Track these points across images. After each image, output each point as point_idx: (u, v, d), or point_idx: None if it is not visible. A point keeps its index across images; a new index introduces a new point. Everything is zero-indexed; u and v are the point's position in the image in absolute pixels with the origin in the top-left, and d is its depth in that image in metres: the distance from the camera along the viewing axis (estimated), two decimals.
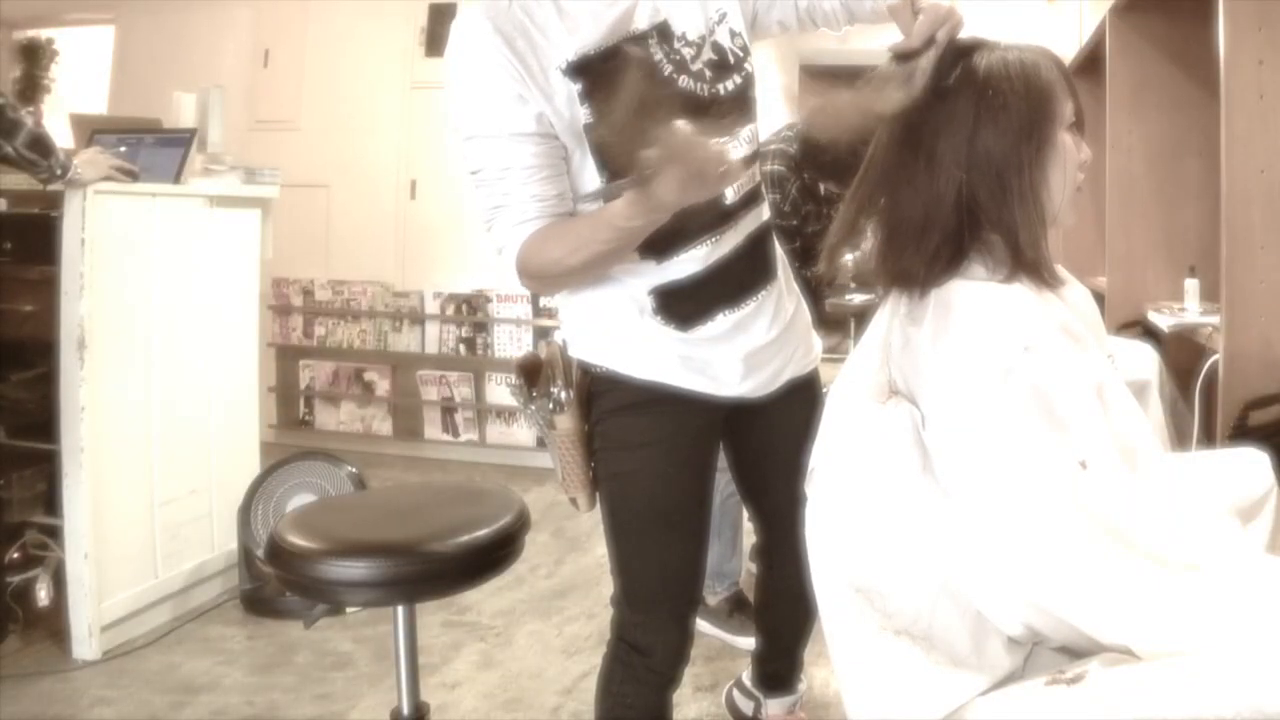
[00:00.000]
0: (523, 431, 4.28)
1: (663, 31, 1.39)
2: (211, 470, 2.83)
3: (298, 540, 1.39)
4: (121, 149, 2.66)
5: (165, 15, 4.92)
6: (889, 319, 1.16)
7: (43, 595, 2.60)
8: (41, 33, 5.46)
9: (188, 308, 2.73)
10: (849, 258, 2.32)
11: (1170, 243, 2.83)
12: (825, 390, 1.36)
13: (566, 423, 1.49)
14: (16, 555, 2.60)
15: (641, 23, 1.38)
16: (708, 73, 1.42)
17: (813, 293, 2.16)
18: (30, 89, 5.26)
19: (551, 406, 1.49)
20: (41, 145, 2.24)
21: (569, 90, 1.33)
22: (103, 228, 2.42)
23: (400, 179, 4.71)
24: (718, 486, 1.68)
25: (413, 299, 4.49)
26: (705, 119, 1.40)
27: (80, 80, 5.43)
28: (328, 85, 4.73)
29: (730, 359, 1.48)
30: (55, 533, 2.52)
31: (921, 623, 1.03)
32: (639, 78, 1.11)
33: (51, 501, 2.54)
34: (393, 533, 1.44)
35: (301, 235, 4.41)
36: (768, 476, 1.66)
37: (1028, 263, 1.09)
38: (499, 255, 1.37)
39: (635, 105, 1.10)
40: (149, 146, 2.79)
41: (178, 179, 2.74)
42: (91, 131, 2.90)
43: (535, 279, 1.38)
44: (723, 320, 1.46)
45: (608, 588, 1.65)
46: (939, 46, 1.12)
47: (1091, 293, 1.24)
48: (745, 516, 2.15)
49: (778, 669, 1.97)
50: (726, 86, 1.43)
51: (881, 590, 1.05)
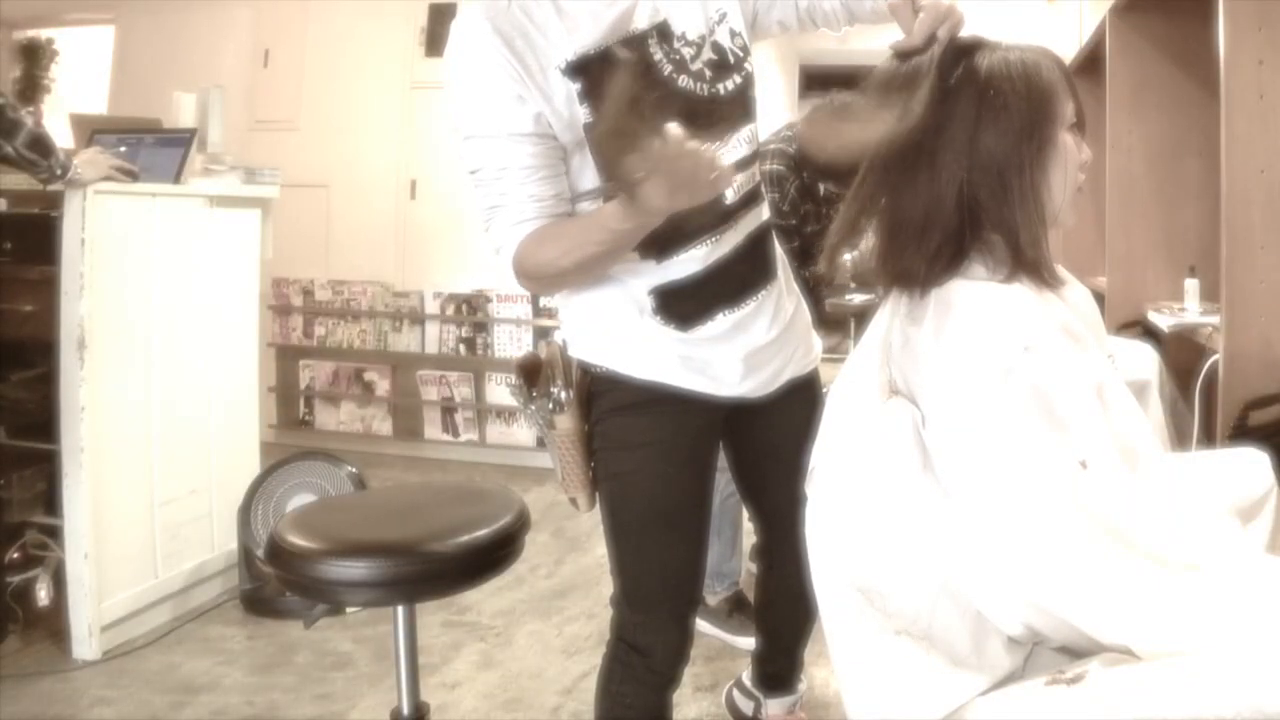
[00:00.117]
0: (523, 431, 4.28)
1: (662, 31, 1.39)
2: (211, 470, 2.83)
3: (298, 540, 1.39)
4: (121, 149, 2.66)
5: (165, 15, 4.93)
6: (889, 319, 1.16)
7: (43, 595, 2.60)
8: (41, 33, 5.46)
9: (188, 308, 2.73)
10: (847, 257, 2.32)
11: (1170, 243, 2.83)
12: (825, 390, 1.36)
13: (566, 423, 1.49)
14: (16, 555, 2.60)
15: (641, 22, 1.38)
16: (707, 72, 1.42)
17: (811, 292, 2.16)
18: (30, 89, 5.27)
19: (551, 406, 1.49)
20: (41, 145, 2.24)
21: (568, 90, 1.33)
22: (103, 228, 2.42)
23: (400, 179, 4.71)
24: (718, 486, 1.68)
25: (413, 299, 4.49)
26: (704, 119, 1.40)
27: (80, 80, 5.43)
28: (328, 85, 4.73)
29: (730, 359, 1.48)
30: (55, 533, 2.52)
31: (921, 623, 1.03)
32: (628, 81, 1.11)
33: (51, 501, 2.54)
34: (393, 533, 1.44)
35: (301, 235, 4.40)
36: (768, 476, 1.66)
37: (1028, 262, 1.09)
38: (497, 255, 1.37)
39: (625, 109, 1.10)
40: (149, 146, 2.79)
41: (178, 179, 2.74)
42: (91, 131, 2.90)
43: (531, 279, 1.38)
44: (723, 320, 1.46)
45: (608, 588, 1.65)
46: (940, 44, 1.12)
47: (1091, 293, 1.24)
48: (745, 516, 2.15)
49: (778, 669, 1.97)
50: (726, 86, 1.43)
51: (882, 590, 1.05)
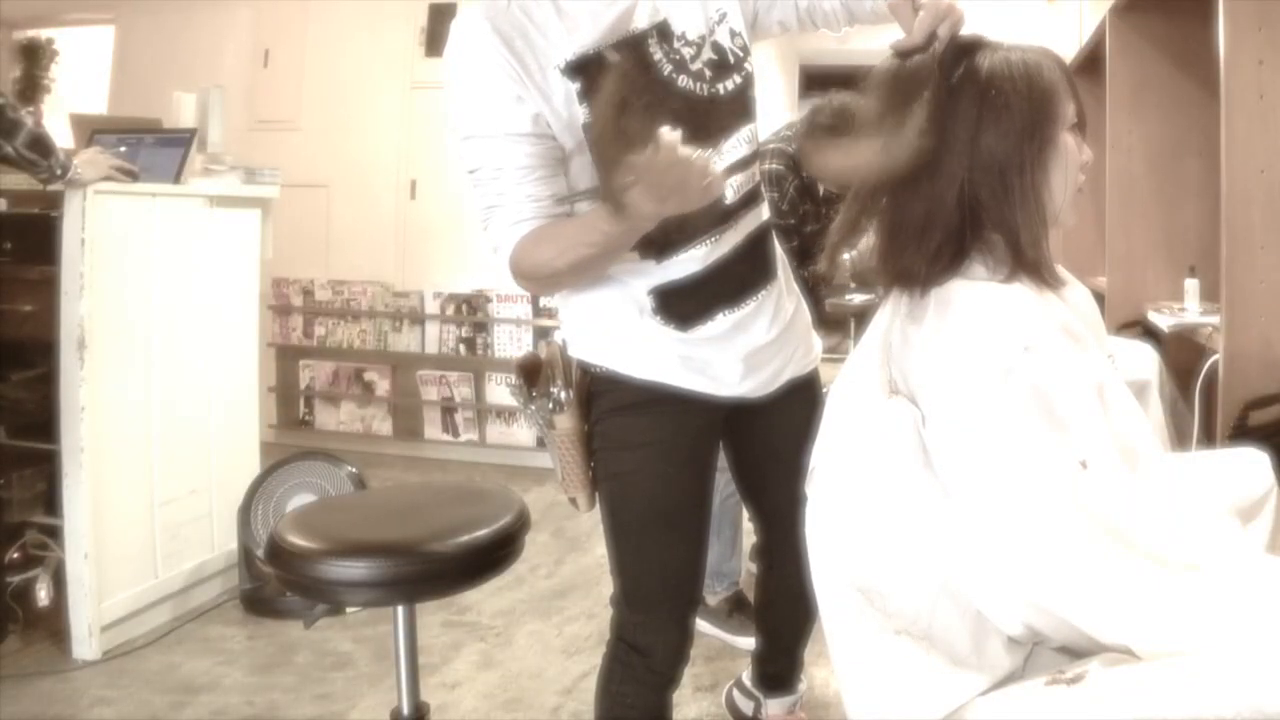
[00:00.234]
0: (523, 431, 4.28)
1: (662, 31, 1.39)
2: (211, 470, 2.83)
3: (298, 540, 1.39)
4: (121, 149, 2.66)
5: (165, 15, 4.93)
6: (889, 318, 1.16)
7: (43, 595, 2.60)
8: (41, 33, 5.46)
9: (188, 308, 2.73)
10: (845, 256, 2.32)
11: (1170, 243, 2.83)
12: (825, 390, 1.36)
13: (566, 422, 1.49)
14: (16, 555, 2.60)
15: (641, 22, 1.38)
16: (707, 72, 1.42)
17: (811, 292, 2.16)
18: (30, 89, 5.26)
19: (551, 406, 1.49)
20: (41, 145, 2.24)
21: (567, 90, 1.33)
22: (103, 228, 2.42)
23: (400, 179, 4.71)
24: (717, 486, 1.68)
25: (413, 299, 4.49)
26: (704, 119, 1.40)
27: (80, 80, 5.43)
28: (328, 85, 4.73)
29: (730, 359, 1.48)
30: (55, 533, 2.52)
31: (921, 623, 1.03)
32: (616, 86, 1.11)
33: (51, 501, 2.54)
34: (393, 533, 1.44)
35: (301, 235, 4.40)
36: (768, 476, 1.66)
37: (1028, 262, 1.09)
38: (494, 254, 1.37)
39: (613, 115, 1.09)
40: (149, 146, 2.79)
41: (178, 179, 2.74)
42: (91, 131, 2.90)
43: (528, 279, 1.38)
44: (722, 320, 1.46)
45: (608, 588, 1.65)
46: (940, 43, 1.12)
47: (1091, 293, 1.24)
48: (745, 516, 2.15)
49: (778, 669, 1.97)
50: (726, 86, 1.43)
51: (882, 590, 1.05)
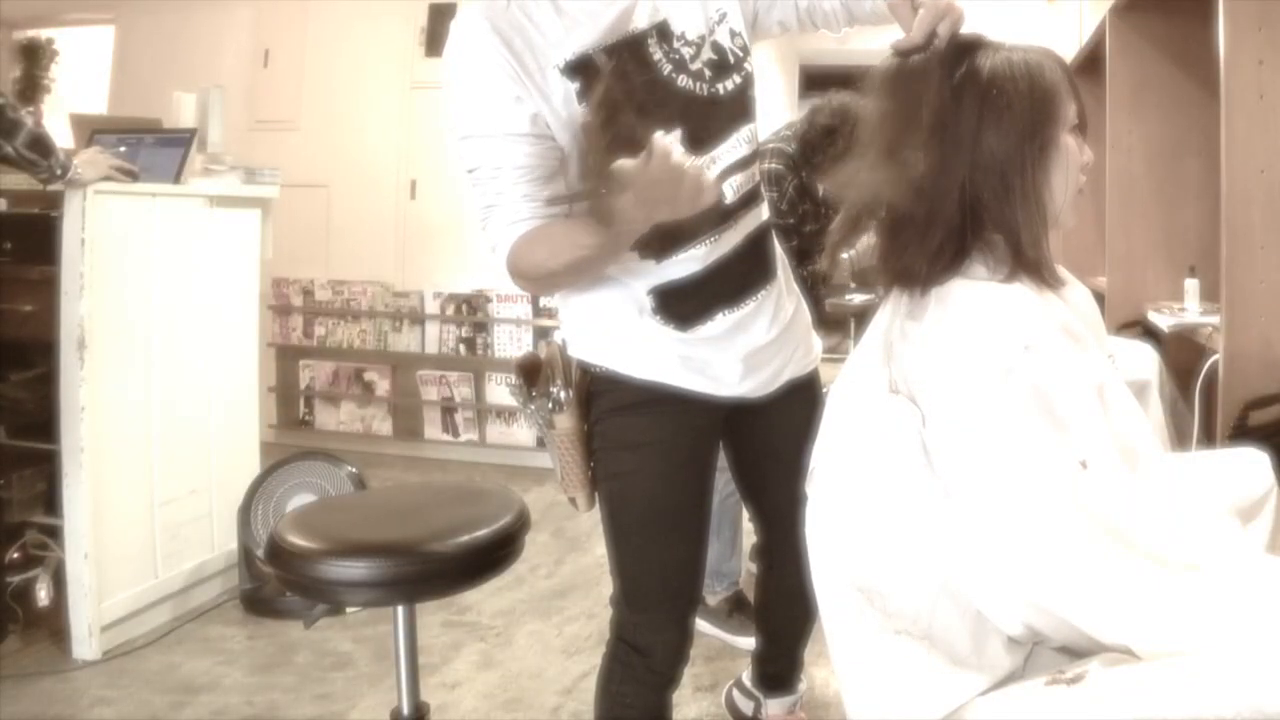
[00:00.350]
0: (523, 431, 4.28)
1: (662, 31, 1.39)
2: (211, 470, 2.83)
3: (298, 540, 1.39)
4: (121, 149, 2.66)
5: (165, 15, 4.93)
6: (890, 318, 1.16)
7: (43, 595, 2.60)
8: (41, 33, 5.46)
9: (188, 308, 2.73)
10: (845, 255, 2.32)
11: (1170, 243, 2.82)
12: (825, 390, 1.35)
13: (566, 422, 1.49)
14: (16, 555, 2.60)
15: (641, 22, 1.38)
16: (707, 72, 1.42)
17: (810, 292, 2.16)
18: (30, 89, 5.26)
19: (551, 406, 1.49)
20: (41, 145, 2.24)
21: (566, 89, 1.33)
22: (103, 228, 2.42)
23: (400, 179, 4.70)
24: (717, 486, 1.68)
25: (413, 299, 4.49)
26: (703, 119, 1.40)
27: (80, 80, 5.43)
28: (328, 85, 4.72)
29: (730, 359, 1.48)
30: (55, 533, 2.52)
31: (921, 622, 1.03)
32: (606, 98, 1.11)
33: (51, 501, 2.54)
34: (393, 533, 1.44)
35: (301, 235, 4.40)
36: (768, 476, 1.66)
37: (1029, 262, 1.09)
38: (492, 253, 1.37)
39: (602, 127, 1.09)
40: (149, 146, 2.79)
41: (178, 179, 2.74)
42: (91, 131, 2.90)
43: (525, 279, 1.38)
44: (722, 320, 1.46)
45: (608, 588, 1.65)
46: (940, 41, 1.12)
47: (1091, 293, 1.24)
48: (745, 516, 2.15)
49: (778, 669, 1.97)
50: (726, 86, 1.43)
51: (882, 590, 1.05)
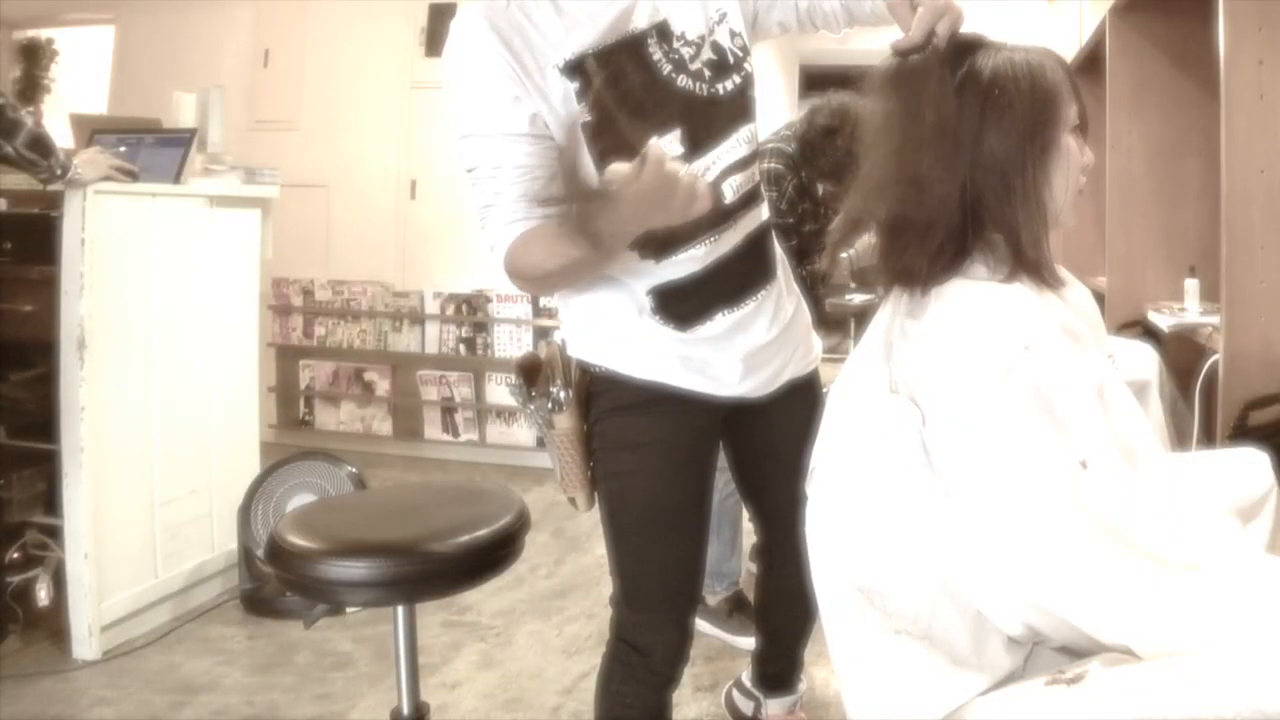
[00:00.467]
0: (523, 431, 4.28)
1: (662, 31, 1.39)
2: (211, 470, 2.83)
3: (298, 540, 1.39)
4: (121, 149, 2.66)
5: (165, 15, 4.93)
6: (890, 318, 1.16)
7: (43, 595, 2.60)
8: (41, 33, 5.47)
9: (188, 308, 2.73)
10: (844, 255, 2.32)
11: (1170, 243, 2.82)
12: (825, 390, 1.35)
13: (565, 422, 1.49)
14: (16, 555, 2.60)
15: (641, 22, 1.38)
16: (707, 72, 1.42)
17: (810, 292, 2.16)
18: (30, 89, 5.27)
19: (550, 406, 1.49)
20: (41, 145, 2.24)
21: (565, 89, 1.33)
22: (103, 228, 2.42)
23: (400, 179, 4.70)
24: (717, 486, 1.68)
25: (413, 299, 4.49)
26: (703, 119, 1.40)
27: (80, 80, 5.43)
28: (328, 85, 4.72)
29: (729, 359, 1.48)
30: (55, 533, 2.52)
31: (921, 622, 1.03)
32: (602, 97, 1.11)
33: (51, 501, 2.54)
34: (393, 533, 1.44)
35: (301, 235, 4.40)
36: (768, 476, 1.66)
37: (1029, 262, 1.10)
38: (491, 253, 1.37)
39: (598, 130, 1.09)
40: (149, 146, 2.79)
41: (178, 179, 2.74)
42: (91, 131, 2.90)
43: (522, 279, 1.37)
44: (722, 320, 1.46)
45: (608, 588, 1.65)
46: (940, 40, 1.12)
47: (1091, 293, 1.24)
48: (745, 516, 2.15)
49: (778, 669, 1.97)
50: (726, 86, 1.43)
51: (882, 590, 1.05)
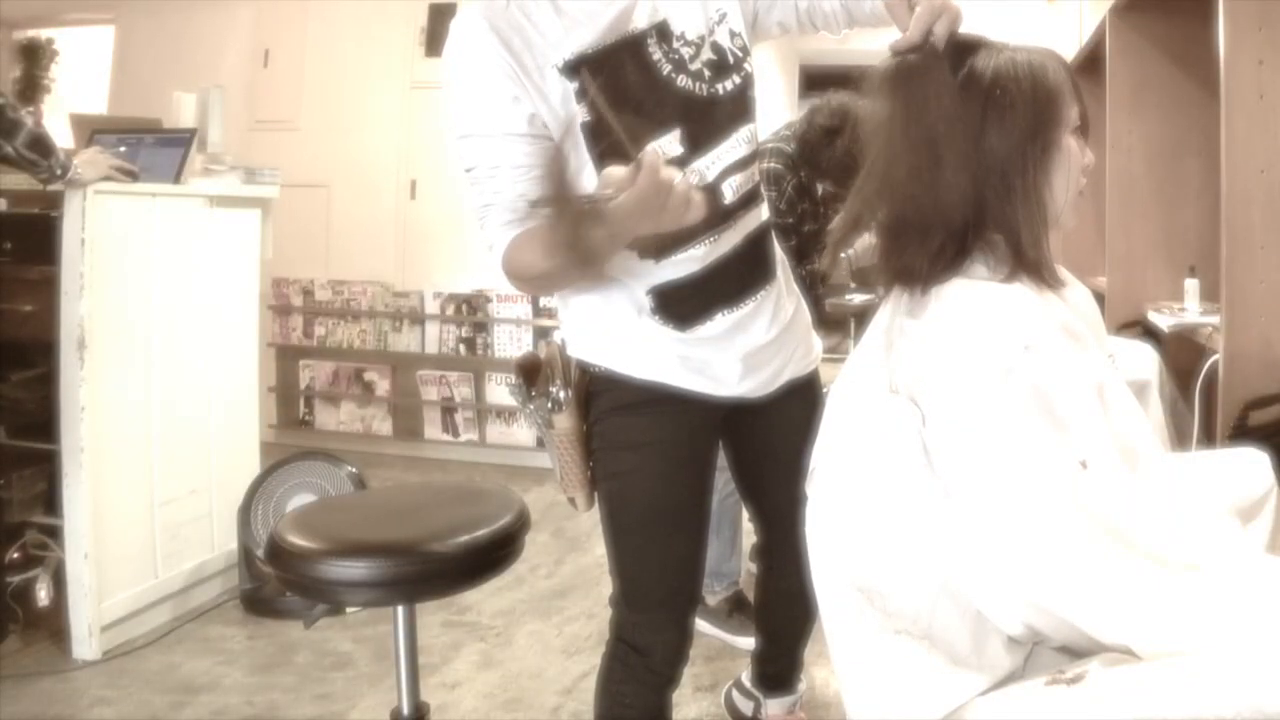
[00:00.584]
0: (523, 431, 4.28)
1: (661, 31, 1.39)
2: (211, 470, 2.83)
3: (298, 540, 1.39)
4: (121, 149, 2.66)
5: (165, 15, 4.93)
6: (890, 317, 1.16)
7: (43, 595, 2.60)
8: (41, 33, 5.47)
9: (188, 308, 2.73)
10: (844, 255, 2.32)
11: (1170, 243, 2.82)
12: (825, 390, 1.35)
13: (565, 422, 1.49)
14: (16, 555, 2.60)
15: (640, 22, 1.38)
16: (707, 72, 1.42)
17: (809, 291, 2.16)
18: (30, 89, 5.27)
19: (550, 406, 1.49)
20: (41, 145, 2.24)
21: (565, 89, 1.33)
22: (103, 228, 2.42)
23: (400, 179, 4.70)
24: (717, 486, 1.68)
25: (413, 299, 4.49)
26: (703, 119, 1.40)
27: (80, 80, 5.43)
28: (328, 85, 4.72)
29: (729, 359, 1.48)
30: (55, 533, 2.52)
31: (921, 622, 1.03)
32: (595, 104, 1.11)
33: (51, 501, 2.54)
34: (393, 533, 1.44)
35: (301, 235, 4.40)
36: (767, 476, 1.66)
37: (1029, 262, 1.10)
38: (490, 252, 1.37)
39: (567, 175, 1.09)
40: (149, 146, 2.79)
41: (178, 179, 2.74)
42: (91, 131, 2.90)
43: (519, 279, 1.37)
44: (721, 320, 1.46)
45: (608, 588, 1.65)
46: (938, 39, 1.12)
47: (1091, 293, 1.24)
48: (745, 516, 2.15)
49: (778, 669, 1.97)
50: (725, 86, 1.43)
51: (882, 590, 1.05)
